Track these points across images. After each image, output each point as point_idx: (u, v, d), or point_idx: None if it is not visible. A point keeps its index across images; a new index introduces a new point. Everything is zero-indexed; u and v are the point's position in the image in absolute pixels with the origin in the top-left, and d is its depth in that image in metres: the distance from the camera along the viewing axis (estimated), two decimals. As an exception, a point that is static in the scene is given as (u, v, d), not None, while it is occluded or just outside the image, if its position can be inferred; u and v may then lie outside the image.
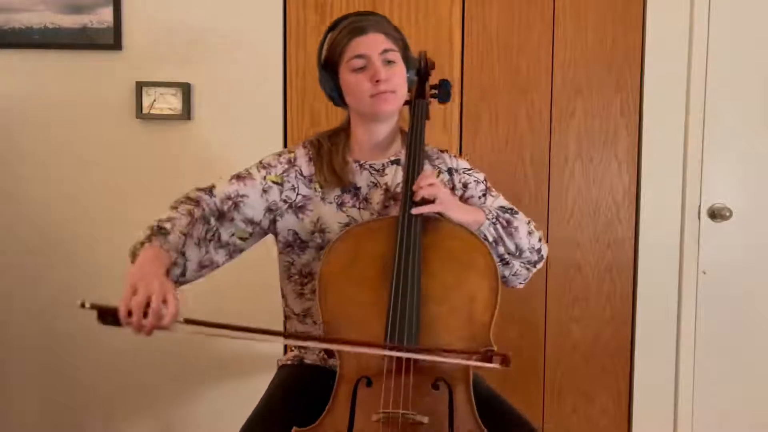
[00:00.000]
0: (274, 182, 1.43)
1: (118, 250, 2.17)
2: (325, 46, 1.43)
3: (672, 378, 2.29)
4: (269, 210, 1.43)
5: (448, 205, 1.33)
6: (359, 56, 1.37)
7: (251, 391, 1.52)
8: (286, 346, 2.21)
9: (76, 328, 2.21)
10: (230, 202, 1.40)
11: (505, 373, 1.29)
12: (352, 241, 1.33)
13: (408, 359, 1.20)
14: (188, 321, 1.16)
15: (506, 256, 1.41)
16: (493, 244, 1.38)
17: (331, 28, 1.44)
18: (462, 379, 1.25)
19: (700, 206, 2.24)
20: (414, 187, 1.32)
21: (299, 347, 1.53)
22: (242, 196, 1.40)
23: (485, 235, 1.37)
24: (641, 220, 2.23)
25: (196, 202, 1.37)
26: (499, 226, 1.39)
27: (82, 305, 1.14)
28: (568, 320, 2.26)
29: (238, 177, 1.44)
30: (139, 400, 2.24)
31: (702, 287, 2.27)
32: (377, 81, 1.36)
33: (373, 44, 1.38)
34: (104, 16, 2.12)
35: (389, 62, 1.39)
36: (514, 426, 1.34)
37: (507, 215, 1.43)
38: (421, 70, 1.49)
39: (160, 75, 2.14)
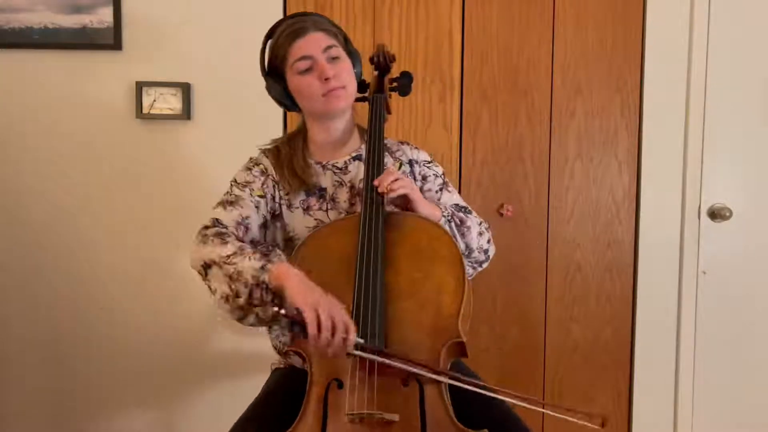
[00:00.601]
0: (259, 196, 1.42)
1: (118, 249, 2.19)
2: (267, 54, 1.43)
3: (672, 378, 2.29)
4: (263, 226, 1.43)
5: (415, 195, 1.34)
6: (303, 58, 1.37)
7: (250, 391, 1.51)
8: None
9: (76, 326, 2.21)
10: (242, 227, 1.37)
11: (505, 372, 1.29)
12: (317, 244, 1.32)
13: (373, 350, 1.19)
14: (359, 347, 1.18)
15: None
16: None
17: (269, 35, 1.44)
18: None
19: (700, 206, 2.24)
20: (375, 182, 1.32)
21: (284, 357, 1.53)
22: (246, 218, 1.39)
23: None
24: (641, 220, 2.23)
25: (226, 235, 1.33)
26: (453, 225, 1.40)
27: (276, 315, 1.18)
28: (568, 320, 2.26)
29: (229, 203, 1.40)
30: (139, 399, 2.24)
31: (702, 287, 2.27)
32: (326, 79, 1.36)
33: (314, 43, 1.38)
34: (104, 16, 2.12)
35: (334, 59, 1.39)
36: (510, 427, 1.34)
37: (461, 214, 1.43)
38: (380, 64, 1.48)
39: (160, 75, 2.14)
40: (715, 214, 2.24)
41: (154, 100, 2.13)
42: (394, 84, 1.50)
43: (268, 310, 1.20)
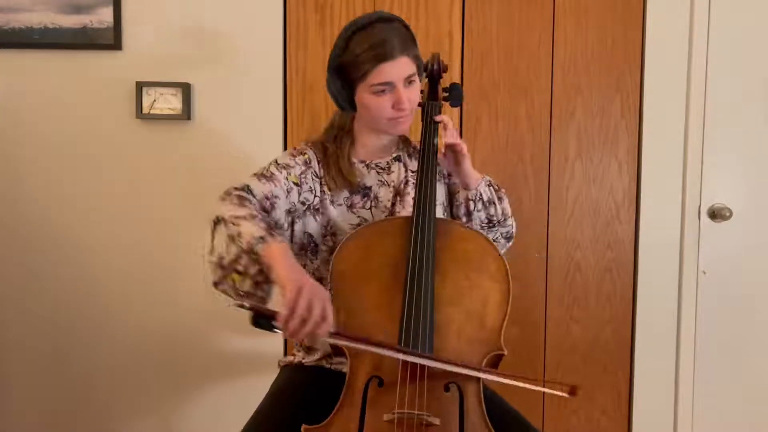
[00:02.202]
0: (294, 183, 1.42)
1: (117, 249, 2.19)
2: (345, 57, 1.36)
3: (672, 378, 2.29)
4: (288, 212, 1.42)
5: (465, 153, 1.40)
6: (385, 83, 1.35)
7: (251, 391, 1.52)
8: (286, 348, 2.21)
9: (75, 328, 2.21)
10: (268, 202, 1.36)
11: (506, 372, 1.29)
12: (363, 241, 1.33)
13: (420, 354, 1.21)
14: (333, 334, 1.15)
15: (493, 219, 1.47)
16: (487, 204, 1.44)
17: (351, 34, 1.36)
18: (472, 382, 1.25)
19: (700, 206, 2.24)
20: (438, 118, 1.39)
21: (306, 351, 1.53)
22: (275, 196, 1.37)
23: (481, 195, 1.44)
24: (641, 220, 2.23)
25: (248, 201, 1.31)
26: (492, 189, 1.47)
27: (241, 306, 1.12)
28: (568, 320, 2.26)
29: (264, 177, 1.39)
30: (139, 400, 2.24)
31: (702, 287, 2.27)
32: (400, 109, 1.37)
33: (399, 71, 1.35)
34: (104, 16, 2.12)
35: (410, 82, 1.39)
36: (518, 429, 1.35)
37: (496, 182, 1.51)
38: (433, 72, 1.49)
39: (160, 75, 2.14)
40: (715, 214, 2.24)
41: (154, 100, 2.13)
42: (446, 94, 1.52)
43: (245, 282, 1.18)
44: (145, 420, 2.25)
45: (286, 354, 2.19)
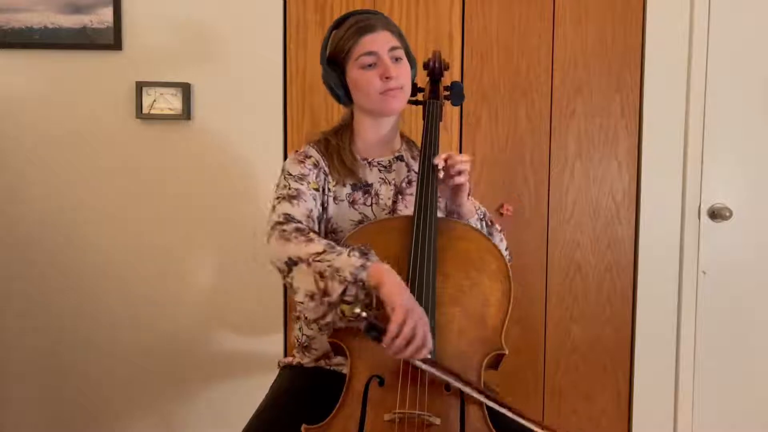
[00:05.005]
0: (315, 189, 1.43)
1: (118, 250, 2.19)
2: (331, 44, 1.44)
3: (672, 378, 2.29)
4: (316, 219, 1.43)
5: (467, 185, 1.39)
6: (369, 53, 1.39)
7: (251, 391, 1.52)
8: (286, 348, 2.21)
9: (76, 328, 2.21)
10: (311, 221, 1.37)
11: (505, 373, 1.29)
12: (366, 239, 1.32)
13: (423, 359, 1.20)
14: (428, 361, 1.18)
15: None
16: None
17: (336, 26, 1.45)
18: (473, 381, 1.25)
19: (700, 206, 2.24)
20: (456, 159, 1.35)
21: (303, 351, 1.53)
22: (311, 210, 1.39)
23: None
24: (641, 220, 2.23)
25: (307, 230, 1.30)
26: (484, 224, 1.45)
27: (357, 317, 1.17)
28: (568, 320, 2.26)
29: (292, 197, 1.38)
30: (139, 400, 2.24)
31: (702, 287, 2.27)
32: (387, 78, 1.39)
33: (382, 41, 1.40)
34: (104, 16, 2.12)
35: (397, 59, 1.42)
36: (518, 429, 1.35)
37: (490, 217, 1.50)
38: (434, 70, 1.50)
39: (160, 75, 2.14)
40: (715, 214, 2.24)
41: (154, 100, 2.13)
42: (447, 92, 1.53)
43: (356, 307, 1.18)
44: (146, 420, 2.25)
45: (286, 354, 2.19)
